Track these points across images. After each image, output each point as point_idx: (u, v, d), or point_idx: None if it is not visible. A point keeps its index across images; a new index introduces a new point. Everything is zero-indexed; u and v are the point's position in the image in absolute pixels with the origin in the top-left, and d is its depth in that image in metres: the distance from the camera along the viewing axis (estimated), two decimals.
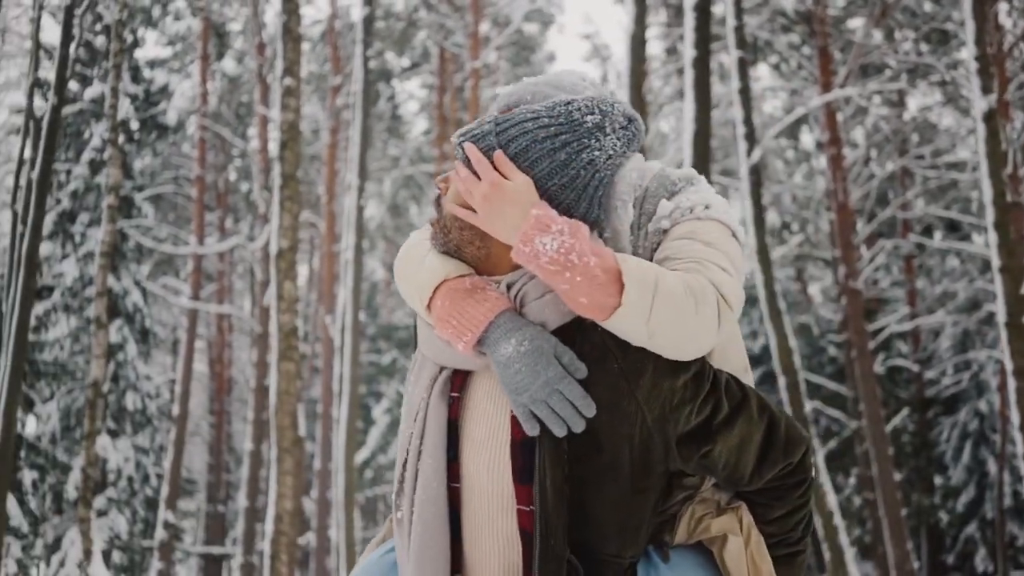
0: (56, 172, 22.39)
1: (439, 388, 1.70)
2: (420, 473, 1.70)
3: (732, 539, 1.71)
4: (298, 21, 11.79)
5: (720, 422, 1.63)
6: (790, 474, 1.71)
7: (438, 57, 20.16)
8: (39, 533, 20.76)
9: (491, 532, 1.68)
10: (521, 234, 1.57)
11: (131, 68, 22.31)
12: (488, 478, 1.67)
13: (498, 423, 1.67)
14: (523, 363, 1.60)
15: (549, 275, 1.56)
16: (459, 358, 1.70)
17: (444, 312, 1.67)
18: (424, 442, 1.70)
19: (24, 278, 13.37)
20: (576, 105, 1.65)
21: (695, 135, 9.90)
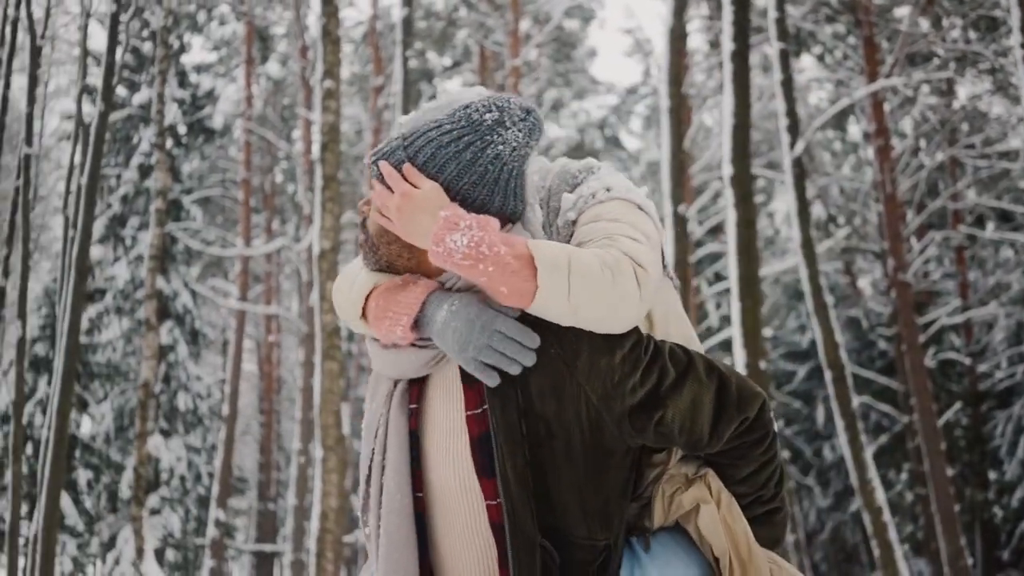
0: (106, 177, 22.79)
1: (397, 401, 1.74)
2: (384, 487, 1.73)
3: (704, 507, 1.72)
4: (337, 24, 11.87)
5: (668, 387, 1.66)
6: (749, 430, 1.72)
7: (478, 56, 20.19)
8: (94, 531, 21.17)
9: (463, 534, 1.70)
10: (432, 236, 1.63)
11: (178, 73, 22.64)
12: (455, 479, 1.69)
13: (454, 424, 1.70)
14: (457, 320, 1.65)
15: (465, 270, 1.62)
16: (409, 365, 1.74)
17: (379, 310, 1.73)
18: (387, 455, 1.73)
19: (75, 282, 13.63)
20: (474, 107, 1.71)
21: (734, 128, 9.82)
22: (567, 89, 25.38)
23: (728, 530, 1.72)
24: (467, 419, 1.68)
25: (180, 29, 22.38)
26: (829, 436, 21.49)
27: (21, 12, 16.20)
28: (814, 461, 22.57)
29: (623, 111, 26.84)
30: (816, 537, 22.18)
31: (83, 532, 20.54)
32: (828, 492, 22.04)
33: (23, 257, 15.23)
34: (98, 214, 21.85)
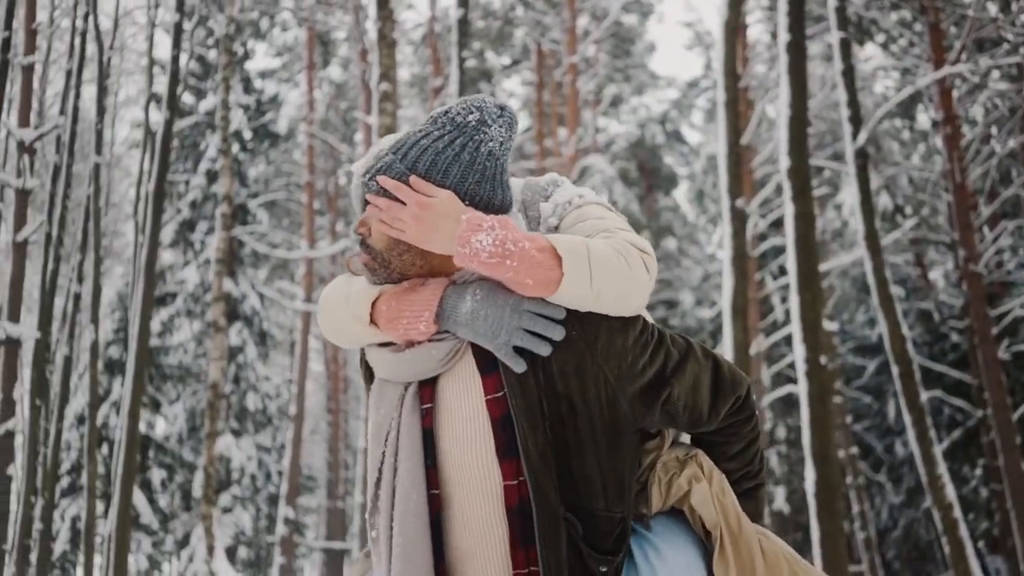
0: (175, 183, 23.32)
1: (409, 403, 1.78)
2: (397, 488, 1.76)
3: (696, 486, 1.85)
4: (392, 27, 11.98)
5: (672, 368, 1.79)
6: (740, 409, 1.88)
7: (536, 54, 20.20)
8: (169, 530, 21.68)
9: (481, 521, 1.75)
10: (458, 238, 1.69)
11: (242, 79, 23.07)
12: (475, 463, 1.74)
13: (474, 410, 1.75)
14: (485, 307, 1.73)
15: (492, 268, 1.69)
16: (429, 361, 1.77)
17: (392, 312, 1.78)
18: (399, 456, 1.76)
19: (144, 287, 13.96)
20: (454, 111, 1.78)
21: (791, 120, 9.68)
22: (626, 85, 25.24)
23: (720, 505, 1.84)
24: (487, 403, 1.74)
25: (244, 36, 22.79)
26: (900, 431, 21.05)
27: (89, 24, 16.64)
28: (885, 457, 22.13)
29: (684, 105, 26.62)
30: (889, 534, 21.74)
31: (158, 530, 21.04)
32: (900, 488, 21.60)
33: (95, 263, 15.65)
34: (168, 219, 22.37)
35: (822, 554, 8.99)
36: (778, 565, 1.84)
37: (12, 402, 12.41)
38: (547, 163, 19.73)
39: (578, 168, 18.71)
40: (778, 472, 21.10)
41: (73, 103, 16.67)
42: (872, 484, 21.87)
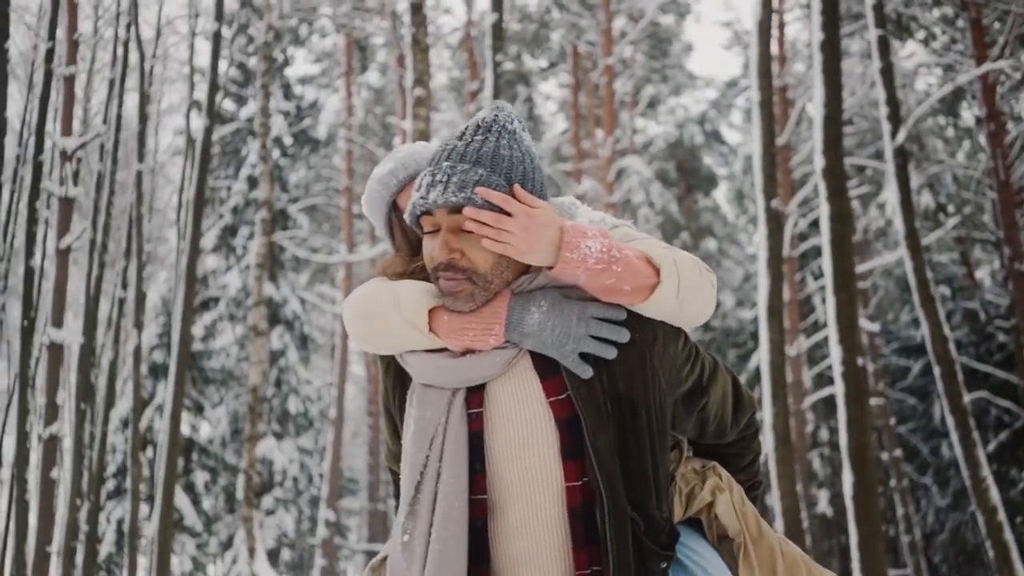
0: (217, 189, 23.61)
1: (458, 408, 1.79)
2: (440, 493, 1.76)
3: (720, 496, 1.93)
4: (426, 33, 12.01)
5: (707, 377, 1.87)
6: (750, 423, 2.00)
7: (572, 56, 20.19)
8: (213, 532, 21.94)
9: (543, 523, 1.75)
10: (566, 244, 1.72)
11: (282, 86, 23.30)
12: (538, 465, 1.75)
13: (535, 413, 1.76)
14: (553, 318, 1.75)
15: (596, 273, 1.72)
16: (490, 368, 1.77)
17: (456, 324, 1.77)
18: (443, 462, 1.76)
19: (185, 292, 14.16)
20: (499, 120, 1.81)
21: (825, 119, 9.59)
22: (664, 85, 25.14)
23: (742, 514, 1.94)
24: (551, 404, 1.76)
25: (283, 43, 23.02)
26: (946, 433, 20.70)
27: (131, 33, 16.92)
28: (931, 459, 21.78)
29: (723, 105, 26.45)
30: (935, 538, 21.40)
31: (202, 532, 21.29)
32: (947, 491, 21.25)
33: (137, 269, 15.90)
34: (210, 225, 22.66)
35: (860, 558, 8.88)
36: (797, 567, 1.94)
37: (56, 406, 12.67)
38: (584, 165, 19.70)
39: (614, 170, 18.66)
40: (821, 475, 20.86)
41: (116, 112, 16.96)
42: (918, 487, 21.55)
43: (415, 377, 1.83)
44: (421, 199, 1.74)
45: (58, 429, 12.20)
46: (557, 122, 26.36)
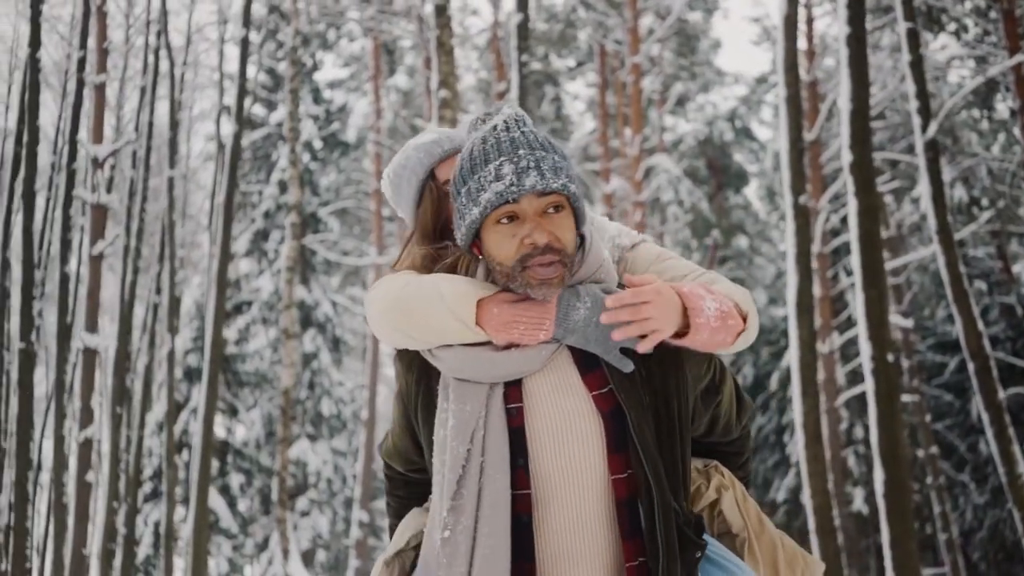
0: (248, 194, 23.81)
1: (497, 403, 1.79)
2: (485, 487, 1.76)
3: (725, 494, 2.00)
4: (450, 35, 12.06)
5: (719, 377, 1.95)
6: (748, 423, 2.08)
7: (599, 55, 20.16)
8: (248, 533, 22.13)
9: (585, 519, 1.77)
10: (692, 310, 1.75)
11: (312, 90, 23.47)
12: (584, 458, 1.77)
13: (578, 407, 1.79)
14: (596, 315, 1.78)
15: (715, 331, 1.78)
16: (534, 361, 1.79)
17: (504, 318, 1.77)
18: (486, 456, 1.76)
19: (216, 296, 14.30)
20: (520, 115, 1.87)
21: (852, 114, 9.51)
22: (692, 83, 25.02)
23: (746, 510, 2.00)
24: (594, 399, 1.78)
25: (312, 48, 23.17)
26: (983, 430, 20.45)
27: (161, 41, 17.12)
28: (968, 456, 21.50)
29: (753, 101, 26.27)
30: (973, 535, 21.11)
31: (237, 534, 21.48)
32: (984, 488, 20.96)
33: (170, 274, 16.08)
34: (242, 229, 22.86)
35: (892, 556, 8.79)
36: (796, 560, 2.01)
37: (90, 410, 12.85)
38: (612, 164, 19.67)
39: (642, 168, 18.61)
40: (856, 473, 20.66)
41: (148, 119, 17.16)
42: (955, 484, 21.29)
43: (448, 372, 1.82)
44: (513, 186, 1.72)
45: (93, 433, 12.38)
46: (585, 122, 26.34)
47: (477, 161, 1.78)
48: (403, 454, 2.00)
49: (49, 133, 21.41)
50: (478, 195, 1.75)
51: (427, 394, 1.87)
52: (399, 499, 2.10)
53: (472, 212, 1.76)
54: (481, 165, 1.77)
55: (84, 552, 12.06)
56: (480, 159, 1.78)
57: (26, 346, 12.76)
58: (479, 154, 1.79)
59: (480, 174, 1.76)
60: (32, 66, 13.44)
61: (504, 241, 1.76)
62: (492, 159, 1.77)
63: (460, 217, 1.80)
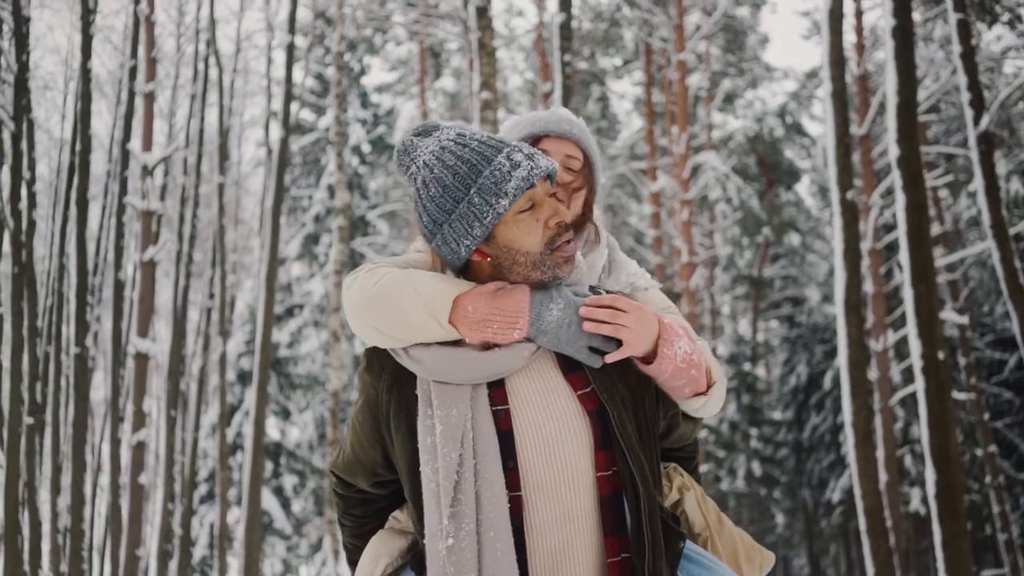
0: (299, 198, 24.08)
1: (483, 405, 1.77)
2: (483, 491, 1.73)
3: (687, 494, 2.05)
4: (491, 36, 12.06)
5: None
6: (697, 431, 2.10)
7: (644, 53, 20.03)
8: (302, 534, 22.38)
9: (572, 517, 1.76)
10: (664, 340, 1.83)
11: (360, 95, 23.66)
12: (573, 457, 1.77)
13: (564, 407, 1.79)
14: (568, 316, 1.79)
15: (678, 372, 1.83)
16: (514, 361, 1.78)
17: (478, 316, 1.76)
18: (479, 459, 1.74)
19: (265, 300, 14.47)
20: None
21: (899, 107, 9.33)
22: (740, 79, 24.75)
23: (706, 508, 2.05)
24: (579, 398, 1.79)
25: (358, 53, 23.35)
26: None
27: (211, 49, 17.38)
28: None
29: (803, 96, 25.92)
30: None
31: (291, 535, 21.72)
32: None
33: (221, 278, 16.31)
34: (293, 234, 23.12)
35: (945, 557, 8.61)
36: (753, 553, 2.08)
37: (143, 414, 13.08)
38: (659, 162, 19.54)
39: (689, 166, 18.45)
40: (913, 473, 20.29)
41: (199, 126, 17.42)
42: (1015, 483, 20.81)
43: (427, 374, 1.79)
44: (535, 168, 1.75)
45: (145, 436, 12.59)
46: (632, 120, 26.21)
47: (475, 161, 1.75)
48: (368, 467, 1.93)
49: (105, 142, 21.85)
50: (501, 186, 1.73)
51: (400, 402, 1.82)
52: (355, 518, 2.03)
53: (498, 204, 1.74)
54: (484, 163, 1.75)
55: (137, 553, 12.27)
56: (477, 159, 1.76)
57: (81, 351, 13.02)
58: (470, 157, 1.76)
59: (490, 168, 1.74)
60: (84, 76, 13.70)
61: (532, 228, 1.77)
62: (492, 154, 1.76)
63: (467, 222, 1.75)
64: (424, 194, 1.78)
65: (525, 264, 1.78)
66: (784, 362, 26.93)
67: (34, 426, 15.18)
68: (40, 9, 18.24)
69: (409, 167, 1.83)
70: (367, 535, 2.02)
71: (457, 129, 1.82)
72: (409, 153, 1.83)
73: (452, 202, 1.75)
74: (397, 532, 1.99)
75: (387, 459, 1.89)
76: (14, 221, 14.27)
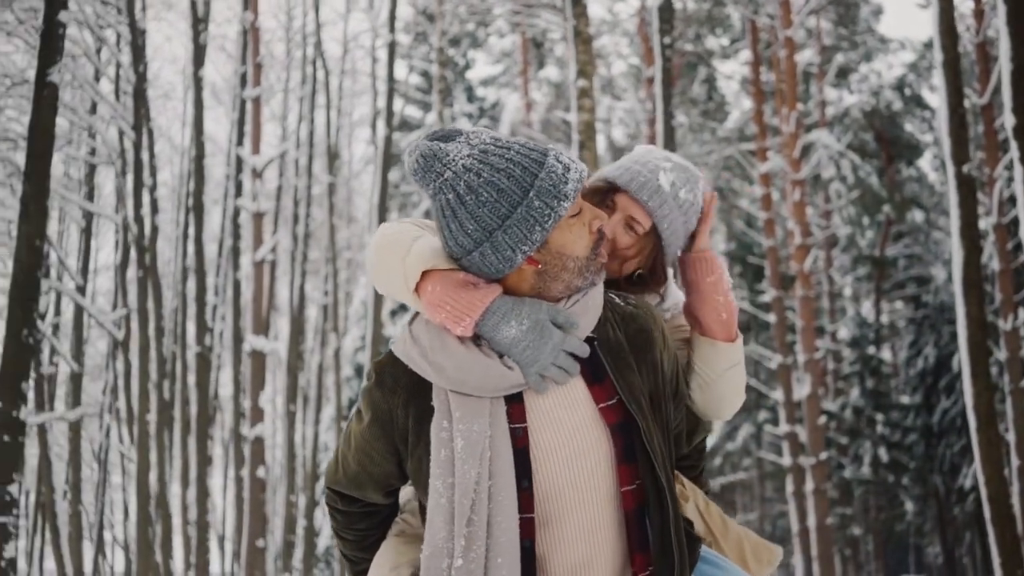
0: (409, 194, 24.44)
1: (501, 422, 1.72)
2: (496, 513, 1.69)
3: (685, 504, 2.03)
4: (587, 23, 11.98)
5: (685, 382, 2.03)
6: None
7: (750, 31, 19.56)
8: None
9: (595, 533, 1.73)
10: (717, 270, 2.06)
11: (465, 89, 23.85)
12: (591, 476, 1.74)
13: (586, 420, 1.75)
14: (528, 339, 1.71)
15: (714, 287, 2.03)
16: (518, 378, 1.71)
17: (435, 297, 1.72)
18: (494, 479, 1.70)
19: (375, 295, 14.74)
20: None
21: (1013, 74, 8.84)
22: (854, 52, 23.91)
23: (708, 514, 2.06)
24: (601, 411, 1.74)
25: (462, 47, 23.53)
26: None
27: (317, 51, 17.79)
28: None
29: (922, 67, 24.86)
30: None
31: None
32: None
33: (332, 276, 16.71)
34: None
35: None
36: (760, 550, 2.09)
37: (260, 410, 13.50)
38: (769, 142, 19.07)
39: (800, 145, 17.95)
40: None
41: (309, 128, 17.87)
42: None
43: (447, 383, 1.72)
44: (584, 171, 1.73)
45: (262, 431, 13.01)
46: (741, 101, 25.64)
47: (526, 164, 1.68)
48: (382, 481, 1.88)
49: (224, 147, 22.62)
50: (559, 187, 1.67)
51: (419, 417, 1.77)
52: (359, 531, 1.99)
53: (559, 207, 1.68)
54: (536, 165, 1.68)
55: (258, 544, 12.69)
56: (528, 161, 1.68)
57: (201, 350, 13.53)
58: (521, 160, 1.69)
59: (545, 171, 1.68)
60: (196, 84, 14.22)
61: (581, 232, 1.74)
62: (540, 157, 1.69)
63: (527, 227, 1.67)
64: (472, 200, 1.67)
65: (573, 270, 1.73)
66: (910, 344, 25.98)
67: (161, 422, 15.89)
68: (156, 22, 18.99)
69: (443, 173, 1.69)
70: (373, 547, 1.99)
71: (487, 133, 1.74)
72: (440, 159, 1.70)
73: (509, 206, 1.67)
74: (411, 538, 1.97)
75: (401, 470, 1.86)
76: (137, 226, 14.93)
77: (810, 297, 18.17)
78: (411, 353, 1.76)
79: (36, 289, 8.09)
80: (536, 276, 1.74)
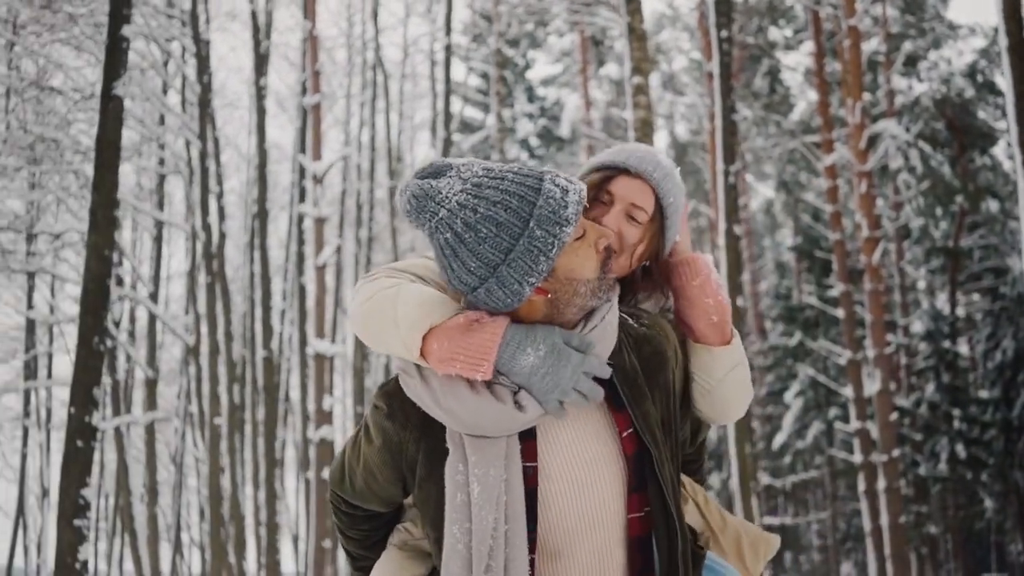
0: None
1: (515, 463, 1.70)
2: (513, 559, 1.68)
3: (685, 507, 2.04)
4: (641, 20, 11.90)
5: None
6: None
7: (812, 21, 19.23)
8: None
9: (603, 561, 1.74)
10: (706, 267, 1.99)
11: (526, 89, 23.88)
12: (600, 505, 1.73)
13: (599, 451, 1.74)
14: (547, 366, 1.65)
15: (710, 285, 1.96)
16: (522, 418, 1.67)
17: (444, 354, 1.65)
18: (510, 525, 1.68)
19: None
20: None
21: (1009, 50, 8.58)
22: (922, 40, 23.33)
23: (710, 513, 2.08)
24: (623, 440, 1.75)
25: (521, 48, 23.56)
26: None
27: (377, 57, 17.98)
28: None
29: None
30: None
31: None
32: None
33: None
34: None
35: None
36: (758, 543, 2.10)
37: (326, 412, 13.69)
38: (834, 135, 18.69)
39: (866, 136, 17.58)
40: None
41: (370, 132, 18.07)
42: None
43: (459, 427, 1.69)
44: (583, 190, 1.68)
45: (329, 432, 13.19)
46: (806, 92, 25.21)
47: (522, 193, 1.62)
48: (386, 499, 1.90)
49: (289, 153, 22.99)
50: (560, 213, 1.62)
51: (430, 455, 1.75)
52: (363, 531, 2.00)
53: (562, 233, 1.62)
54: (532, 192, 1.63)
55: (324, 545, 12.87)
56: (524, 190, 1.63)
57: (268, 354, 13.76)
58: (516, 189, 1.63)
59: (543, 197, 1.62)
60: (258, 92, 14.48)
61: (588, 254, 1.69)
62: (536, 183, 1.64)
63: (531, 258, 1.62)
64: (471, 238, 1.61)
65: (585, 294, 1.68)
66: (988, 337, 25.28)
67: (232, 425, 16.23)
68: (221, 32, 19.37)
69: (437, 212, 1.64)
70: (375, 546, 2.02)
71: (478, 164, 1.69)
72: (432, 197, 1.65)
73: (510, 240, 1.61)
74: (414, 551, 1.97)
75: (406, 493, 1.88)
76: (205, 233, 15.25)
77: (879, 291, 17.80)
78: (423, 396, 1.71)
79: (106, 297, 8.29)
80: (548, 305, 1.69)
